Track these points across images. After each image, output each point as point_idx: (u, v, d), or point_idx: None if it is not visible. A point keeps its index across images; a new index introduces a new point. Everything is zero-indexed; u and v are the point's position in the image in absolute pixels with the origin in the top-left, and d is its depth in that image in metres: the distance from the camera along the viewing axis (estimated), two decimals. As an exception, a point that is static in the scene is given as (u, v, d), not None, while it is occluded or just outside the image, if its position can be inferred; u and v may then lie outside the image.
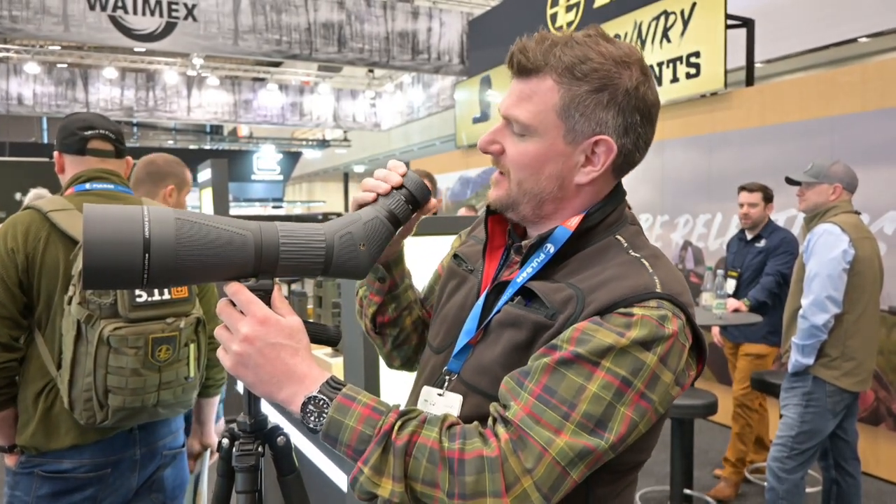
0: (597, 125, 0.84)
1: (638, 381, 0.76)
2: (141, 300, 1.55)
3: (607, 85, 0.82)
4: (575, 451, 0.74)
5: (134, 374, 1.53)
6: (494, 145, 0.89)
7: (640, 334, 0.76)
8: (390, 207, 0.90)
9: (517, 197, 0.88)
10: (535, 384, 0.77)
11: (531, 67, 0.84)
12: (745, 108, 4.68)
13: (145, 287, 0.76)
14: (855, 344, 2.62)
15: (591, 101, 0.83)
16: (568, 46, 0.83)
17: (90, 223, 0.73)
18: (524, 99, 0.85)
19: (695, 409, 2.91)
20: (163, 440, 1.74)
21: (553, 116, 0.84)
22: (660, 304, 0.79)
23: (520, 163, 0.86)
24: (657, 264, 0.84)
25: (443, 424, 0.78)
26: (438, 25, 9.15)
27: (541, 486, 0.73)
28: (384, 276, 1.02)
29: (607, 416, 0.75)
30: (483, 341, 0.88)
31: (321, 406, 0.77)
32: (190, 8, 7.73)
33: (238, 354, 0.79)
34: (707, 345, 0.87)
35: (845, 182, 2.74)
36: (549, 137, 0.84)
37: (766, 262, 3.60)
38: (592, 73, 0.82)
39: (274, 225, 0.83)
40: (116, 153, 1.78)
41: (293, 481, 1.01)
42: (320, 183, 25.87)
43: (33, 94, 11.72)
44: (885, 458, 3.80)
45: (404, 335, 1.08)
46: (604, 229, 0.88)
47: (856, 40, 6.80)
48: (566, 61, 0.82)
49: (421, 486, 0.75)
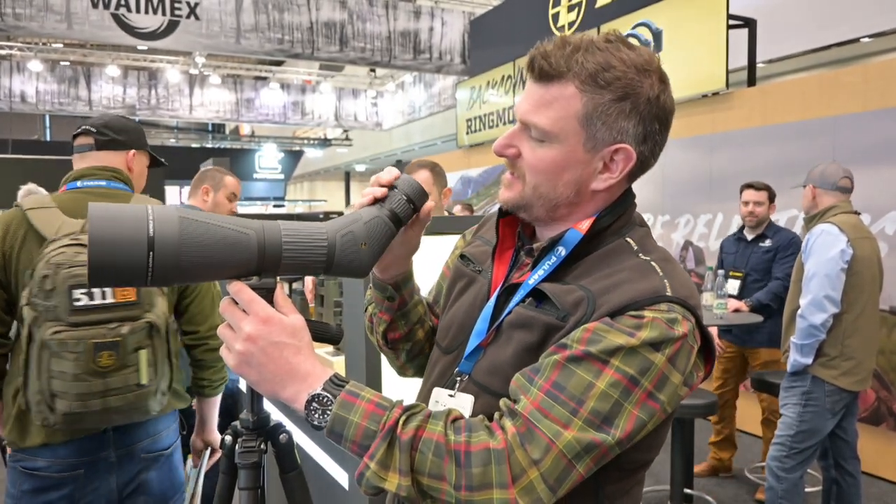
0: (618, 133, 0.84)
1: (646, 381, 0.77)
2: (80, 304, 1.50)
3: (630, 94, 0.82)
4: (582, 444, 0.75)
5: (76, 378, 1.49)
6: (511, 149, 0.88)
7: (650, 335, 0.77)
8: (392, 207, 0.91)
9: (531, 200, 0.88)
10: (544, 380, 0.78)
11: (553, 73, 0.83)
12: (746, 108, 4.68)
13: (149, 285, 0.77)
14: (854, 343, 2.62)
15: (614, 110, 0.83)
16: (590, 52, 0.82)
17: (95, 221, 0.73)
18: (545, 105, 0.84)
19: (695, 409, 2.92)
20: (140, 443, 1.70)
21: (574, 124, 0.83)
22: (670, 307, 0.80)
23: (538, 168, 0.86)
24: (667, 268, 0.84)
25: (447, 418, 0.79)
26: (440, 25, 9.15)
27: (547, 477, 0.74)
28: (393, 295, 1.01)
29: (614, 413, 0.76)
30: (494, 343, 0.89)
31: (325, 403, 0.78)
32: (192, 6, 7.74)
33: (241, 353, 0.80)
34: (715, 346, 0.88)
35: (818, 182, 2.76)
36: (569, 144, 0.84)
37: (773, 261, 3.56)
38: (616, 82, 0.82)
39: (276, 224, 0.83)
40: (97, 146, 1.73)
41: (295, 478, 1.01)
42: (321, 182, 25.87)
43: (36, 91, 11.74)
44: (886, 457, 3.80)
45: (418, 347, 1.08)
46: (614, 232, 0.88)
47: (857, 40, 6.79)
48: (589, 68, 0.81)
49: (428, 480, 0.76)
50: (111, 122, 1.77)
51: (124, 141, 1.77)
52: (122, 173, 1.75)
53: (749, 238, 3.70)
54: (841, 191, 2.75)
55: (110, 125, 1.76)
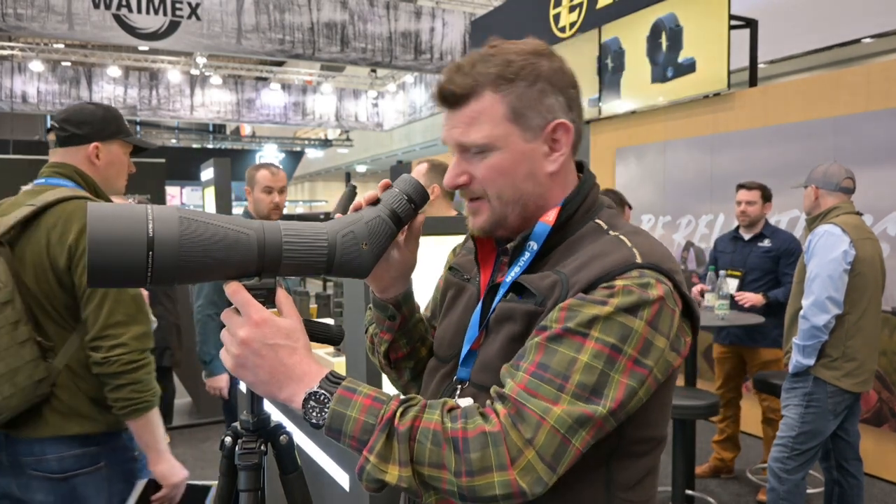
0: (548, 112, 0.87)
1: (629, 348, 0.78)
2: None
3: (539, 75, 0.87)
4: (573, 417, 0.75)
5: None
6: (462, 176, 0.90)
7: (622, 301, 0.78)
8: (392, 206, 0.90)
9: (502, 211, 0.90)
10: (529, 363, 0.79)
11: (464, 93, 0.86)
12: (748, 109, 4.67)
13: (149, 285, 0.77)
14: (856, 344, 2.61)
15: (534, 94, 0.86)
16: (485, 61, 0.86)
17: (94, 221, 0.73)
18: (471, 123, 0.87)
19: (696, 410, 2.91)
20: (25, 458, 1.58)
21: (506, 124, 0.86)
22: (642, 273, 0.81)
23: (493, 177, 0.88)
24: (636, 239, 0.86)
25: (444, 407, 0.79)
26: (441, 25, 9.16)
27: (543, 455, 0.75)
28: (394, 314, 1.02)
29: (601, 383, 0.77)
30: (485, 342, 0.91)
31: (322, 401, 0.78)
32: (194, 7, 7.75)
33: (237, 356, 0.81)
34: (698, 310, 0.89)
35: (821, 183, 2.75)
36: (511, 143, 0.87)
37: (775, 262, 3.55)
38: (521, 71, 0.86)
39: (277, 224, 0.83)
40: (58, 142, 1.69)
41: (295, 479, 1.01)
42: (322, 182, 25.89)
43: (37, 92, 11.76)
44: (888, 459, 3.79)
45: (421, 365, 1.08)
46: (582, 216, 0.91)
47: (860, 41, 6.79)
48: (494, 72, 0.85)
49: (428, 470, 0.76)
50: (71, 115, 1.71)
51: (84, 134, 1.69)
52: (66, 168, 1.68)
53: (746, 238, 3.69)
54: (844, 191, 2.74)
55: (70, 119, 1.70)
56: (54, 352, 1.59)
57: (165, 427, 4.98)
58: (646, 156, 5.48)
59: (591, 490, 0.85)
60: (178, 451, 4.35)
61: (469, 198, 0.92)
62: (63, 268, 1.56)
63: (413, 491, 0.77)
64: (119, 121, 1.78)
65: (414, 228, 0.96)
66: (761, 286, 3.56)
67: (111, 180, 1.77)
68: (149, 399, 1.62)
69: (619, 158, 5.75)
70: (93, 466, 1.62)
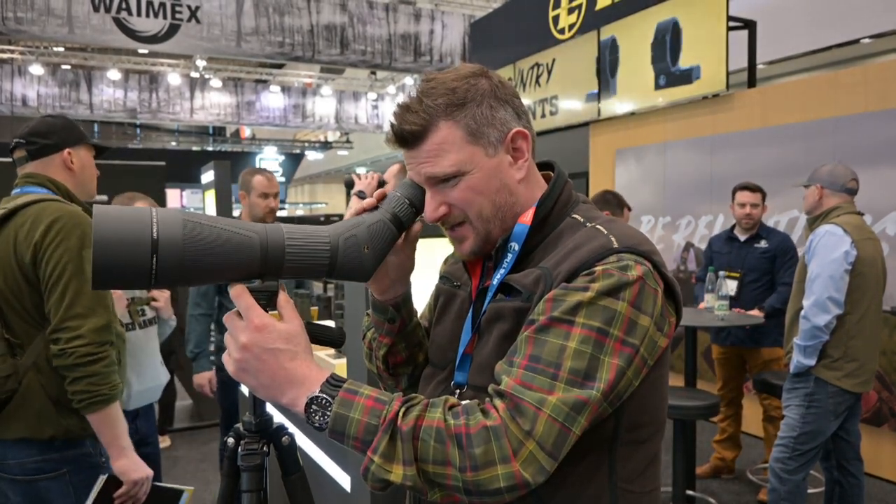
0: (502, 125, 0.91)
1: (614, 330, 0.80)
2: None
3: (484, 94, 0.91)
4: (569, 404, 0.77)
5: None
6: (441, 207, 0.92)
7: (603, 285, 0.81)
8: (394, 210, 0.91)
9: (485, 229, 0.93)
10: (521, 357, 0.81)
11: (422, 129, 0.89)
12: (746, 110, 4.68)
13: (153, 287, 0.77)
14: (857, 345, 2.62)
15: (485, 112, 0.90)
16: (430, 95, 0.89)
17: (99, 223, 0.74)
18: (435, 155, 0.89)
19: (696, 410, 2.91)
20: None
21: (468, 147, 0.89)
22: (620, 257, 0.83)
23: (470, 198, 0.91)
24: (612, 226, 0.89)
25: (445, 405, 0.80)
26: (440, 27, 9.16)
27: (544, 444, 0.76)
28: (394, 316, 1.03)
29: (593, 367, 0.79)
30: (478, 344, 0.93)
31: (324, 405, 0.79)
32: (193, 10, 7.76)
33: (238, 361, 0.82)
34: (679, 291, 0.90)
35: (826, 183, 2.75)
36: (477, 163, 0.90)
37: (773, 263, 3.55)
38: (467, 94, 0.89)
39: (279, 226, 0.84)
40: (30, 156, 1.74)
41: (297, 481, 1.02)
42: (322, 185, 25.90)
43: (37, 95, 11.75)
44: (888, 458, 3.80)
45: (419, 372, 1.09)
46: (559, 212, 0.94)
47: (858, 41, 6.80)
48: (442, 102, 0.89)
49: (433, 467, 0.77)
50: (36, 128, 1.75)
51: (54, 143, 1.75)
52: (38, 177, 1.73)
53: (742, 239, 3.68)
54: (848, 192, 2.75)
55: (36, 132, 1.74)
56: (22, 349, 1.61)
57: (167, 430, 5.02)
58: (645, 157, 5.48)
59: (595, 483, 0.87)
60: (180, 454, 4.35)
61: (450, 227, 0.94)
62: (29, 263, 1.59)
63: (418, 489, 0.78)
64: (78, 127, 1.84)
65: (412, 232, 0.98)
66: (760, 287, 3.57)
67: (86, 184, 1.83)
68: (106, 393, 1.61)
69: (618, 159, 5.76)
70: (55, 472, 1.64)
